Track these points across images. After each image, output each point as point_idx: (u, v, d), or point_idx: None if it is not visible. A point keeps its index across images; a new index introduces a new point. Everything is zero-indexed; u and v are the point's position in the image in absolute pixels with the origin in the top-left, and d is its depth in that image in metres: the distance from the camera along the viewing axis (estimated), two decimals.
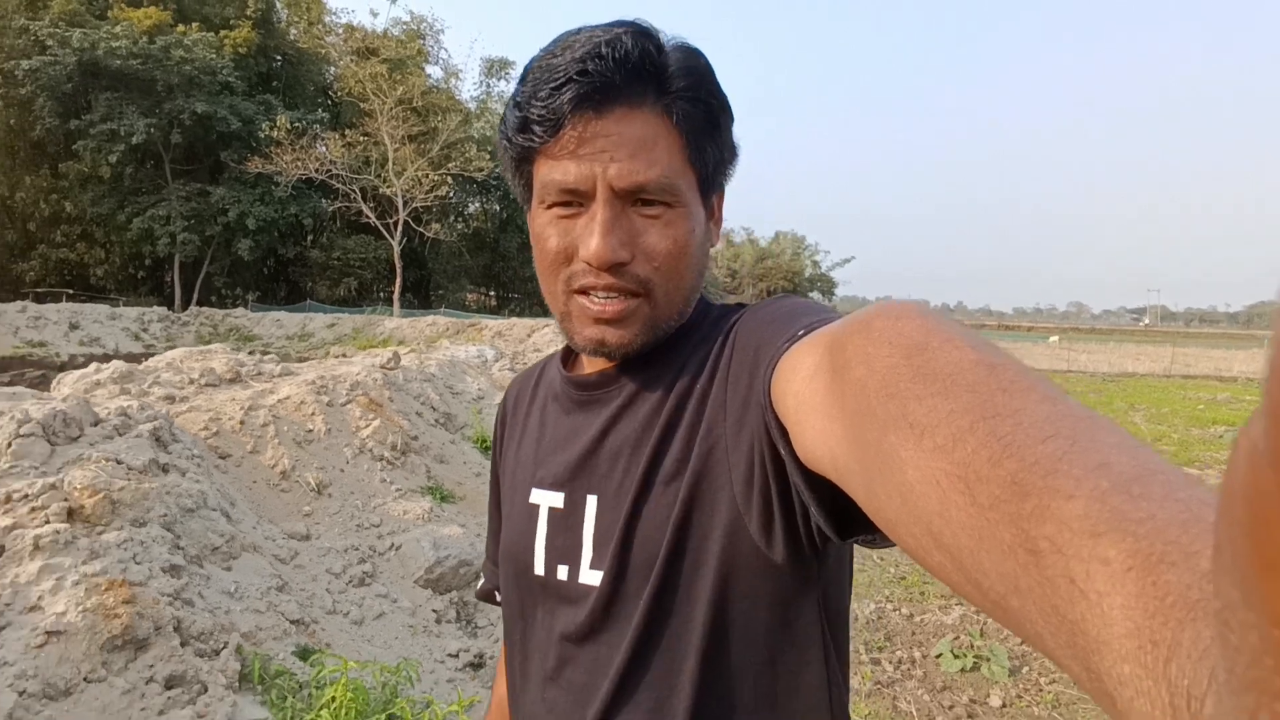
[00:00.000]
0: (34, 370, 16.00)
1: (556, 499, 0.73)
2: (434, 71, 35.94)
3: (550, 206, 0.66)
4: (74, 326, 20.38)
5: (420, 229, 29.15)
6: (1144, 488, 0.26)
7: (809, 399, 0.46)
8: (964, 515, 0.30)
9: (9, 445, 2.31)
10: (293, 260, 33.27)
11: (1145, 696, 0.21)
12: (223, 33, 29.52)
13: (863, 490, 0.39)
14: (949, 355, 0.37)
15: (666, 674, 0.64)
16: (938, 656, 3.46)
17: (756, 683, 0.64)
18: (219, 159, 29.12)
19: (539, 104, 0.63)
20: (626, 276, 0.65)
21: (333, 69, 34.97)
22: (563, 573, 0.71)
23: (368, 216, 27.34)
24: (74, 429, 2.52)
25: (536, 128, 0.63)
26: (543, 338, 13.48)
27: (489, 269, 39.49)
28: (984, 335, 0.39)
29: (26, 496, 2.15)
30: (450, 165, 28.50)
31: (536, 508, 0.75)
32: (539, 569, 0.73)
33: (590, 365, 0.76)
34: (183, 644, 2.05)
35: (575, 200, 0.65)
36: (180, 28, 27.95)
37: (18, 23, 26.83)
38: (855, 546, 0.61)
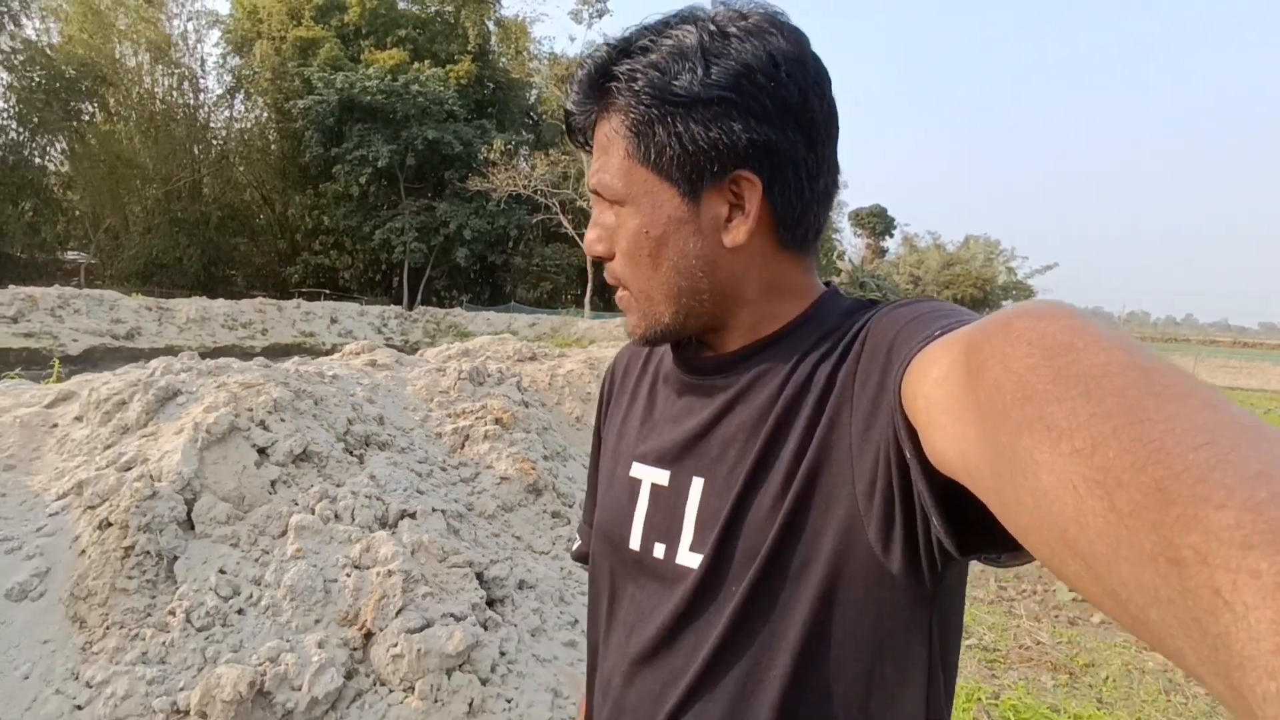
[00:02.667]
0: (310, 355, 19.97)
1: (661, 476, 0.72)
2: None
3: None
4: (334, 320, 24.67)
5: None
6: None
7: (940, 400, 0.45)
8: (1101, 522, 0.29)
9: (455, 385, 4.05)
10: (499, 266, 37.36)
11: None
12: (448, 67, 33.98)
13: (994, 495, 0.38)
14: (1095, 357, 0.35)
15: (755, 667, 0.63)
16: (1054, 590, 4.40)
17: (849, 691, 0.61)
18: (442, 178, 33.51)
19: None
20: (609, 272, 0.70)
21: (535, 92, 38.78)
22: (659, 550, 0.70)
23: (565, 227, 30.20)
24: (480, 378, 4.23)
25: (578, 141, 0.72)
26: None
27: None
28: (1150, 345, 0.36)
29: (471, 411, 3.84)
30: None
31: (638, 482, 0.74)
32: (635, 544, 0.73)
33: (703, 348, 0.75)
34: (557, 497, 3.62)
35: None
36: (416, 65, 32.62)
37: (293, 69, 32.65)
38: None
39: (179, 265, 32.88)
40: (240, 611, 2.14)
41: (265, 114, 36.74)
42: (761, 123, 0.62)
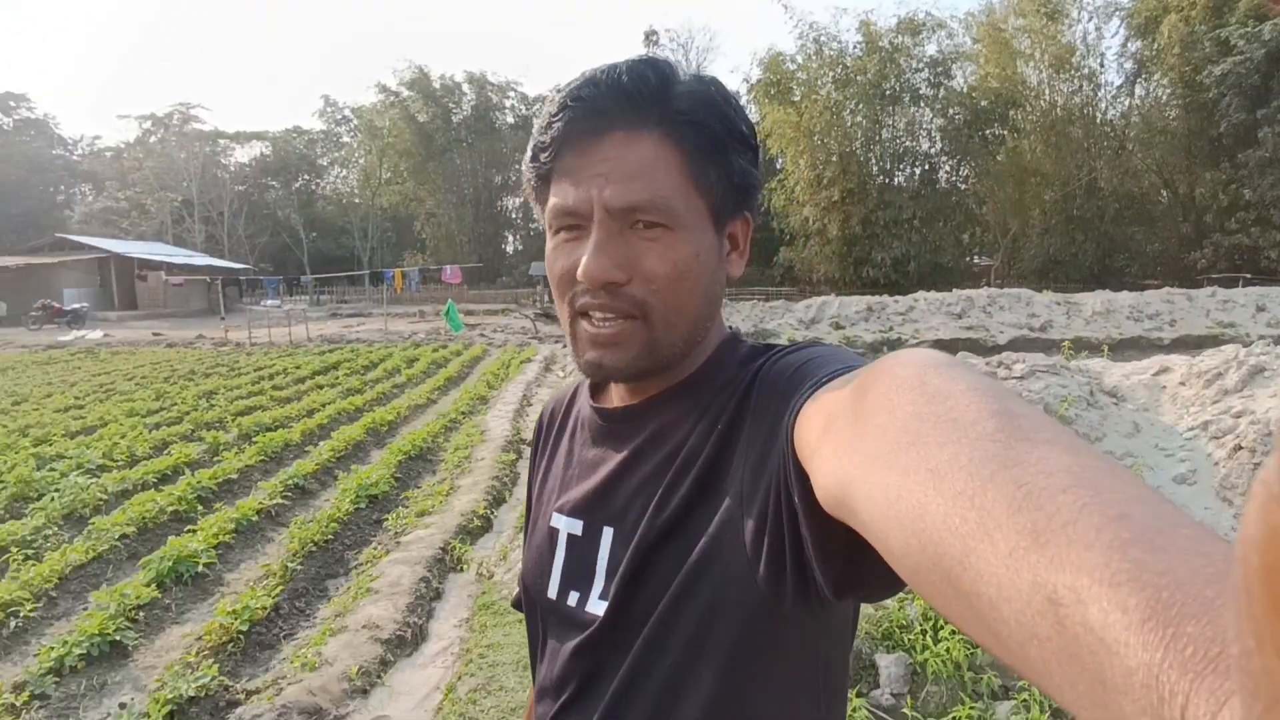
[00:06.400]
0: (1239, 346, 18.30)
1: (576, 526, 0.74)
2: None
3: (557, 232, 0.68)
4: (1260, 309, 21.70)
5: None
6: (1166, 540, 0.26)
7: (829, 445, 0.46)
8: (983, 564, 0.30)
9: None
10: None
11: None
12: None
13: (882, 536, 0.38)
14: (972, 403, 0.37)
15: (659, 707, 0.64)
16: None
17: None
18: None
19: (541, 133, 0.67)
20: (622, 298, 0.65)
21: None
22: (573, 599, 0.73)
23: None
24: None
25: (541, 154, 0.67)
26: None
27: None
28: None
29: None
30: None
31: (557, 532, 0.76)
32: (552, 593, 0.75)
33: (617, 397, 0.77)
34: None
35: (577, 224, 0.66)
36: None
37: (1204, 33, 29.70)
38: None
39: (1074, 261, 34.60)
40: None
41: (1168, 92, 34.76)
42: (758, 169, 0.71)
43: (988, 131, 34.83)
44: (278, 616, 3.79)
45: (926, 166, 35.59)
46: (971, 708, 2.51)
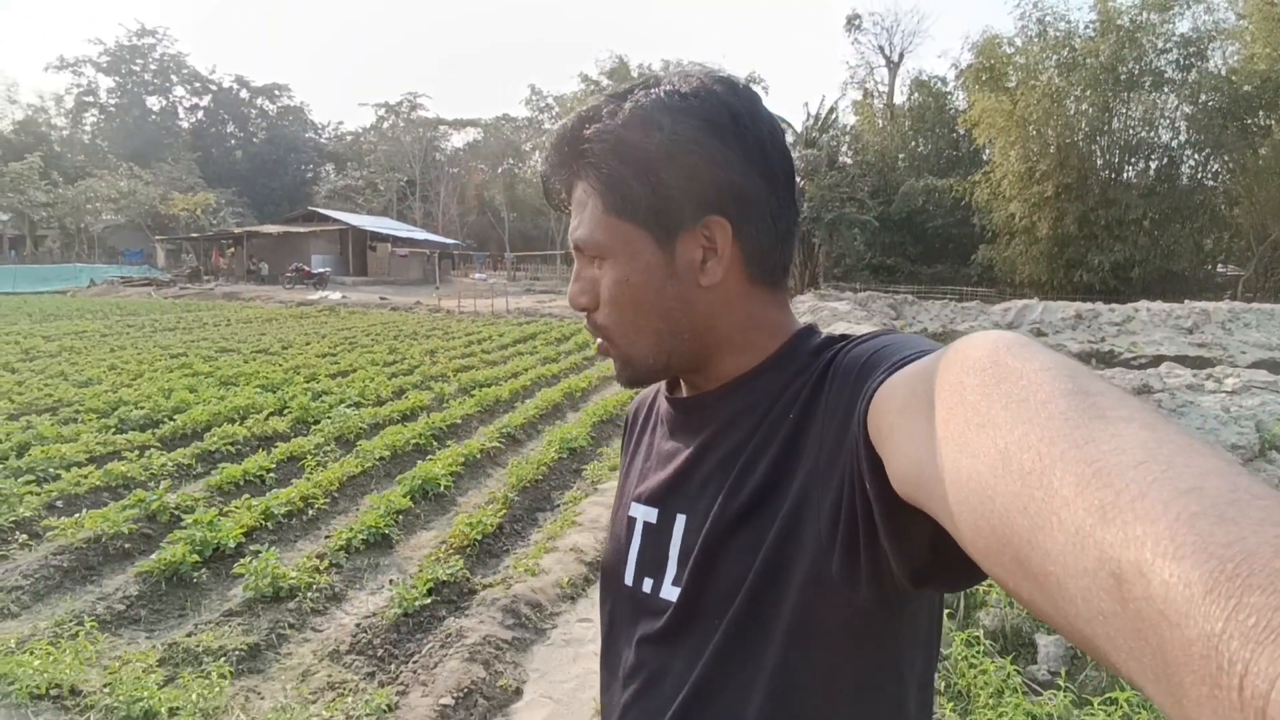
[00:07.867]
0: None
1: (651, 514, 0.76)
2: None
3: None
4: None
5: None
6: (1238, 512, 0.25)
7: (902, 429, 0.46)
8: (1051, 542, 0.30)
9: None
10: None
11: (1221, 718, 0.21)
12: None
13: (953, 519, 0.38)
14: (1045, 383, 0.36)
15: (736, 699, 0.65)
16: None
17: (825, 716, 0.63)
18: None
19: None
20: (593, 323, 0.74)
21: None
22: (648, 585, 0.74)
23: None
24: None
25: (555, 199, 0.77)
26: None
27: None
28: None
29: None
30: None
31: (634, 520, 0.78)
32: (628, 579, 0.77)
33: (687, 389, 0.78)
34: None
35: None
36: None
37: None
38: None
39: None
40: None
41: None
42: (727, 171, 0.68)
43: (1249, 120, 30.26)
44: (501, 534, 4.56)
45: (1165, 160, 31.51)
46: (1135, 693, 2.60)
